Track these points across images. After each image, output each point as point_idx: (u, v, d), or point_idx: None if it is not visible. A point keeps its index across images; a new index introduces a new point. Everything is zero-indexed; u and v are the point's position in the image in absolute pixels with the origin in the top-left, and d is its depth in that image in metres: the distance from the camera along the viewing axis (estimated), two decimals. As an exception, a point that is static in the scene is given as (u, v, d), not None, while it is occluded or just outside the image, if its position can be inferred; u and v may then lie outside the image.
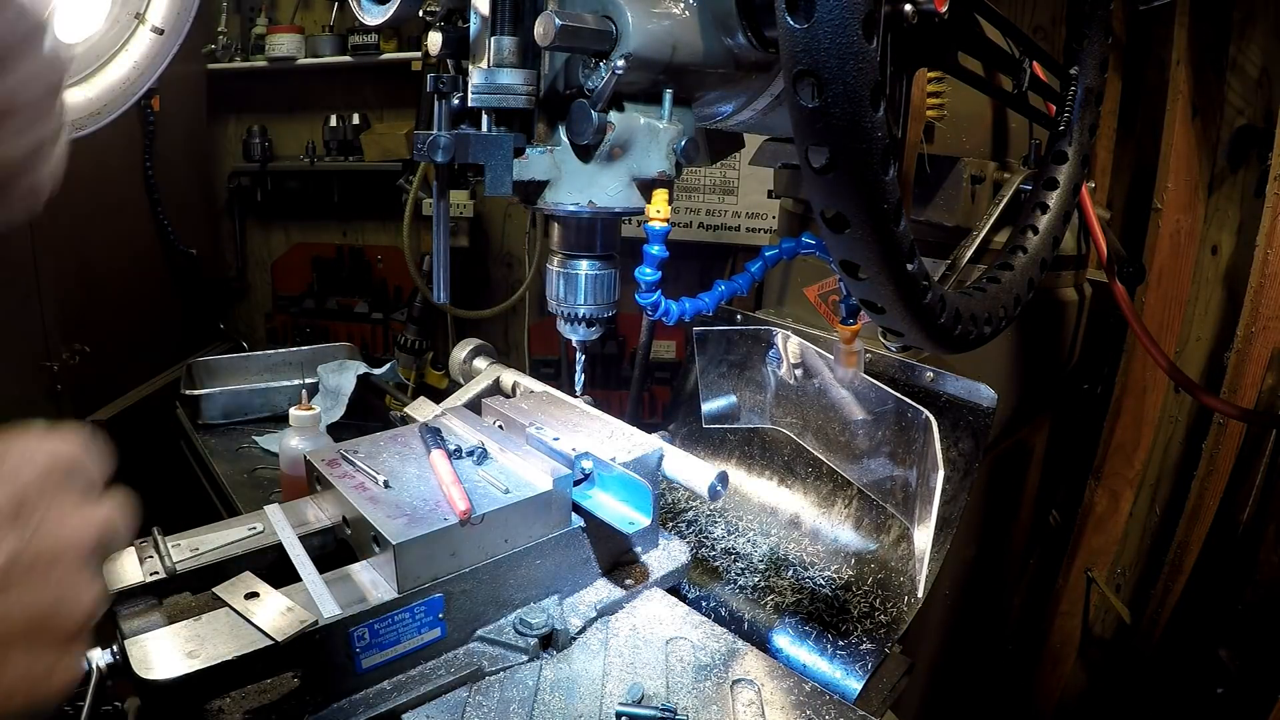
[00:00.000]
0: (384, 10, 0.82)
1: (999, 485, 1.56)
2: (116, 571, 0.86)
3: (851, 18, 0.56)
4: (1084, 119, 1.08)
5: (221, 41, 3.66)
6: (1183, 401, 1.89)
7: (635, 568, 1.00)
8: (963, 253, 1.18)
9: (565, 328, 0.93)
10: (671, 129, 0.81)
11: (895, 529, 1.13)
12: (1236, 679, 1.52)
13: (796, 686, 0.84)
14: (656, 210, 0.83)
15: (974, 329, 0.86)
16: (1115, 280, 1.42)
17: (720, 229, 3.15)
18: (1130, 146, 1.98)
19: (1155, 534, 1.96)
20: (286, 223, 4.09)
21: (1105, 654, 1.99)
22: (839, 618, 1.04)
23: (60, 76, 0.62)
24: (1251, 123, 1.77)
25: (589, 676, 0.84)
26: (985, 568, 1.60)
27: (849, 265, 0.71)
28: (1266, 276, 1.50)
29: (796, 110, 0.61)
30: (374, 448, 1.00)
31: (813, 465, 1.25)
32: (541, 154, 0.79)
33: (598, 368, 3.44)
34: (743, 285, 0.97)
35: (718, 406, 1.22)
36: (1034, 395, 1.50)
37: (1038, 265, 1.04)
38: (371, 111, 3.81)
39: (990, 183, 1.24)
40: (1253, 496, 1.56)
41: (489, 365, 1.38)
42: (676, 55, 0.77)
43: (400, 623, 0.81)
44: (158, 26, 1.41)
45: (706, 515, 1.28)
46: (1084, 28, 1.07)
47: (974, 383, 1.10)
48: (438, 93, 0.79)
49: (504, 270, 3.79)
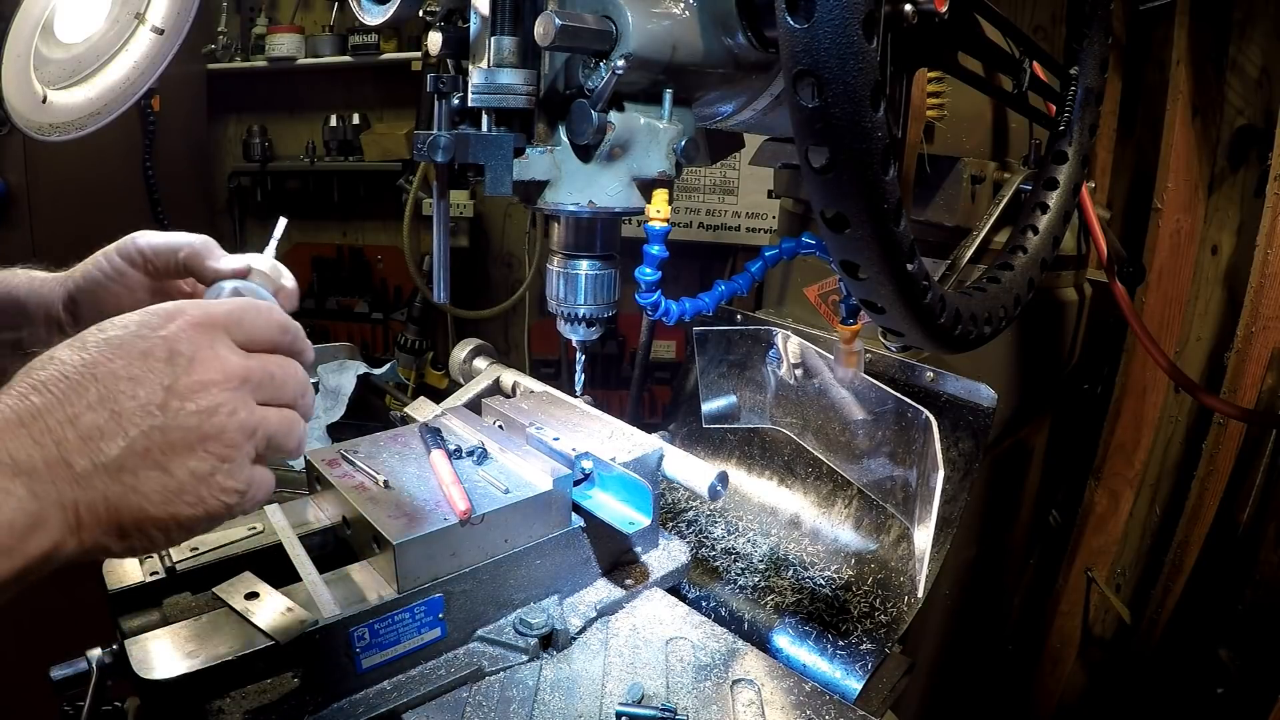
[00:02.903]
0: (384, 10, 0.82)
1: (999, 485, 1.56)
2: (116, 571, 0.86)
3: (851, 18, 0.56)
4: (1084, 119, 1.08)
5: (221, 41, 3.66)
6: (1183, 401, 1.89)
7: (635, 568, 1.00)
8: (963, 253, 1.18)
9: (565, 328, 0.93)
10: (671, 129, 0.81)
11: (895, 529, 1.13)
12: (1236, 679, 1.52)
13: (796, 686, 0.84)
14: (656, 210, 0.83)
15: (974, 329, 0.86)
16: (1115, 280, 1.42)
17: (720, 229, 3.15)
18: (1130, 146, 1.98)
19: (1155, 534, 1.96)
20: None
21: (1105, 654, 1.98)
22: (839, 618, 1.04)
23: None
24: (1251, 123, 1.77)
25: (589, 676, 0.84)
26: (985, 568, 1.60)
27: (849, 265, 0.71)
28: (1266, 276, 1.50)
29: (796, 110, 0.61)
30: (374, 448, 1.00)
31: (813, 465, 1.25)
32: (541, 154, 0.79)
33: (598, 368, 3.44)
34: (743, 285, 0.97)
35: (718, 406, 1.22)
36: (1034, 395, 1.50)
37: (1038, 265, 1.04)
38: (371, 111, 3.81)
39: (990, 183, 1.24)
40: (1253, 496, 1.56)
41: (489, 365, 1.38)
42: (676, 55, 0.77)
43: (400, 623, 0.81)
44: (158, 26, 1.40)
45: (706, 515, 1.28)
46: (1084, 28, 1.06)
47: (974, 383, 1.10)
48: (438, 93, 0.79)
49: (504, 270, 3.79)
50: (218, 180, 3.96)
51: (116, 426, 0.54)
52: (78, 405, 0.53)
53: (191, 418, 0.56)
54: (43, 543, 0.50)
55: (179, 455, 0.56)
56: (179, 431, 0.56)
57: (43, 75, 1.30)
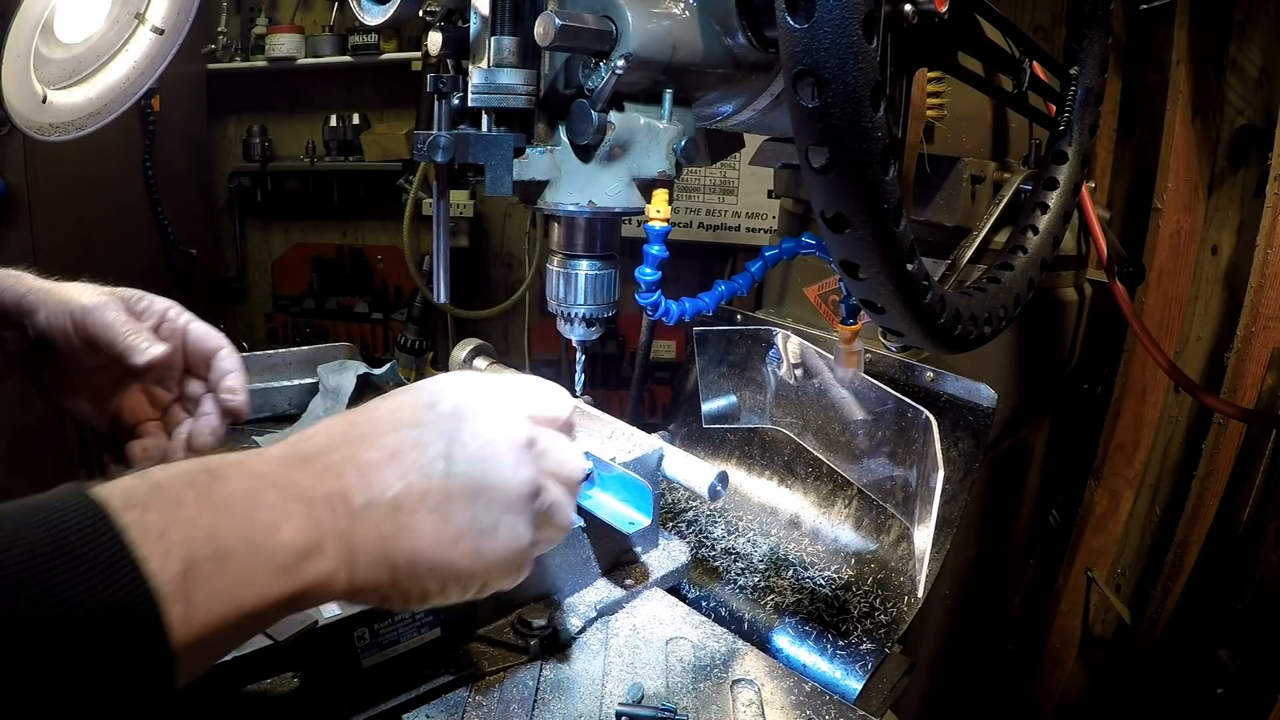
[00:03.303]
0: (384, 10, 0.82)
1: (999, 485, 1.56)
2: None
3: (851, 18, 0.56)
4: (1084, 119, 1.08)
5: (221, 41, 3.66)
6: (1183, 401, 1.89)
7: (635, 568, 1.00)
8: (963, 253, 1.18)
9: (565, 328, 0.92)
10: (671, 129, 0.81)
11: (895, 529, 1.13)
12: (1236, 679, 1.52)
13: (796, 686, 0.84)
14: (656, 210, 0.82)
15: (974, 329, 0.86)
16: (1115, 280, 1.42)
17: (720, 229, 3.15)
18: (1130, 146, 1.98)
19: (1155, 534, 1.96)
20: (286, 223, 4.09)
21: (1105, 654, 1.99)
22: (839, 618, 1.04)
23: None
24: (1251, 123, 1.77)
25: (589, 676, 0.84)
26: (985, 568, 1.60)
27: (849, 265, 0.71)
28: (1266, 276, 1.50)
29: (796, 110, 0.61)
30: (374, 448, 1.00)
31: (813, 465, 1.25)
32: (541, 154, 0.79)
33: (598, 368, 3.44)
34: (743, 285, 0.97)
35: (718, 406, 1.22)
36: (1034, 395, 1.50)
37: (1038, 265, 1.04)
38: (371, 111, 3.81)
39: (990, 183, 1.24)
40: (1253, 496, 1.56)
41: (489, 365, 1.38)
42: (676, 55, 0.77)
43: (400, 623, 0.81)
44: (158, 26, 1.41)
45: (706, 515, 1.28)
46: (1084, 28, 1.06)
47: (974, 383, 1.10)
48: (438, 93, 0.79)
49: (504, 270, 3.79)
50: (218, 180, 3.96)
51: (397, 469, 0.54)
52: (359, 447, 0.54)
53: (475, 467, 0.56)
54: (319, 569, 0.50)
55: (458, 503, 0.56)
56: (461, 479, 0.56)
57: (43, 75, 1.30)
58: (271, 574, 0.47)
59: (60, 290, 0.80)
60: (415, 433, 0.56)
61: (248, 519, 0.47)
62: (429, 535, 0.54)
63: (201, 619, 0.43)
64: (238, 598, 0.45)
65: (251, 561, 0.46)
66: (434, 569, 0.55)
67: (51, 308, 0.78)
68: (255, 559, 0.46)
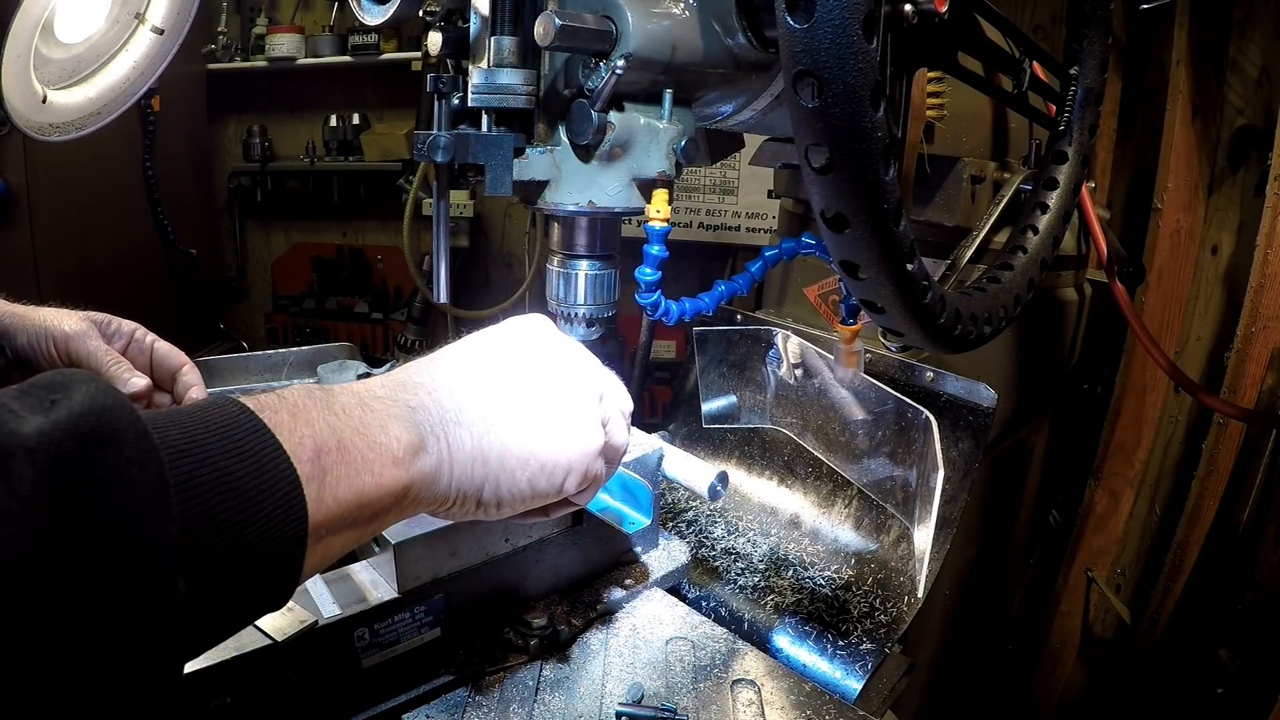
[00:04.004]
0: (384, 10, 0.82)
1: (999, 485, 1.56)
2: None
3: (851, 18, 0.56)
4: (1084, 119, 1.08)
5: (221, 41, 3.66)
6: (1183, 401, 1.89)
7: (635, 568, 1.00)
8: (963, 253, 1.18)
9: (565, 328, 0.92)
10: (671, 129, 0.81)
11: (895, 529, 1.13)
12: (1236, 679, 1.52)
13: (796, 686, 0.84)
14: (656, 210, 0.82)
15: (974, 329, 0.86)
16: (1115, 280, 1.42)
17: (720, 229, 3.15)
18: (1130, 146, 1.98)
19: (1155, 534, 1.96)
20: (286, 223, 4.09)
21: (1105, 654, 1.99)
22: (839, 618, 1.04)
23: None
24: (1251, 123, 1.77)
25: (589, 676, 0.84)
26: (985, 568, 1.60)
27: (849, 265, 0.71)
28: (1266, 276, 1.50)
29: (796, 110, 0.61)
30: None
31: (813, 465, 1.25)
32: (541, 154, 0.79)
33: (598, 368, 3.43)
34: (743, 285, 0.97)
35: (718, 406, 1.22)
36: (1034, 395, 1.50)
37: (1038, 265, 1.04)
38: (371, 111, 3.81)
39: (990, 183, 1.24)
40: (1253, 496, 1.56)
41: (489, 365, 1.38)
42: (676, 55, 0.77)
43: (400, 623, 0.81)
44: (158, 26, 1.41)
45: (706, 515, 1.28)
46: (1084, 28, 1.06)
47: (974, 383, 1.10)
48: (438, 93, 0.79)
49: (504, 270, 3.79)
50: (218, 180, 3.96)
51: (483, 382, 0.63)
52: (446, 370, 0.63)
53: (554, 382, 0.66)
54: (425, 464, 0.57)
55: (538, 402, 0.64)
56: (540, 384, 0.65)
57: (43, 75, 1.30)
58: (385, 464, 0.54)
59: (35, 315, 0.91)
60: (495, 350, 0.66)
61: (361, 420, 0.55)
62: (516, 430, 0.62)
63: (330, 502, 0.50)
64: (360, 485, 0.52)
65: (370, 454, 0.53)
66: (524, 460, 0.63)
67: (31, 332, 0.86)
68: (372, 451, 0.54)
